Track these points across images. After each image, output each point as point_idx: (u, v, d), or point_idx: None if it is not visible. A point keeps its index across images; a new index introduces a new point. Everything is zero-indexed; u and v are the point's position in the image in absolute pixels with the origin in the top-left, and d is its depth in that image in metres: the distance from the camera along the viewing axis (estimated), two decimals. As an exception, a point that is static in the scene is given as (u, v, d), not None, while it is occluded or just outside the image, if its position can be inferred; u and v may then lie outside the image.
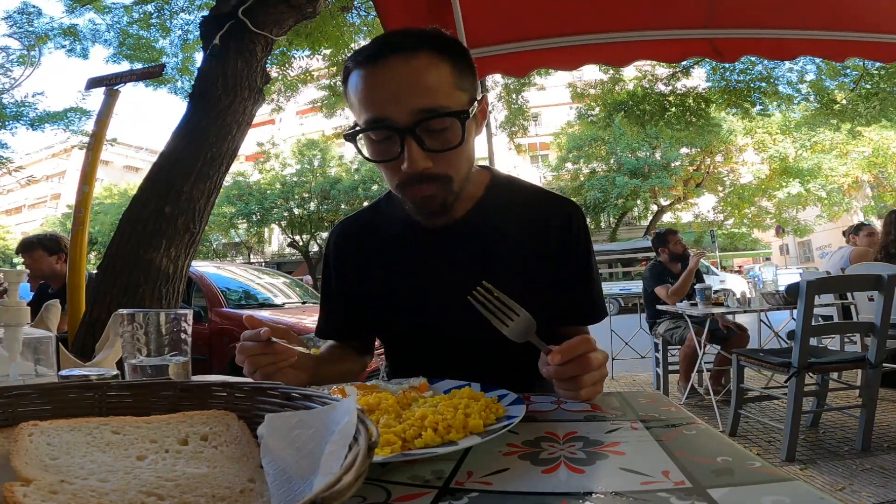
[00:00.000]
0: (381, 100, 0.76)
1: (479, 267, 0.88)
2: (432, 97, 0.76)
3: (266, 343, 0.76)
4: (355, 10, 5.95)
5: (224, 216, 19.37)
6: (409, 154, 0.75)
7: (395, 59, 0.76)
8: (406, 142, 0.75)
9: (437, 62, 0.77)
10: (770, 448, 2.57)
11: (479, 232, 0.91)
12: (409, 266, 0.93)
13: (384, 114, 0.76)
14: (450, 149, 0.78)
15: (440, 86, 0.77)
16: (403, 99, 0.75)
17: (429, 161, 0.77)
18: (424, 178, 0.78)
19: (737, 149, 17.78)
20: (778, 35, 2.46)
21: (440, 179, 0.80)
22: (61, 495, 0.31)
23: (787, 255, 26.15)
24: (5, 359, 0.63)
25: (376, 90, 0.77)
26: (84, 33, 6.63)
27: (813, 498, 0.36)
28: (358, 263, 0.98)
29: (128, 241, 2.67)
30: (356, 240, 0.99)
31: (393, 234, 0.95)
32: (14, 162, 8.77)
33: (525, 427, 0.57)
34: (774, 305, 3.40)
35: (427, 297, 0.91)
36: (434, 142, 0.77)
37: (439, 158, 0.78)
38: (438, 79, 0.77)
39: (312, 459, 0.33)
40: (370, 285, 0.95)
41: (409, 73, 0.75)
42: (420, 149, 0.76)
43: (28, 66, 6.67)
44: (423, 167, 0.77)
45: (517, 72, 2.80)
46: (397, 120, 0.75)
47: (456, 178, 0.82)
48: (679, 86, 7.61)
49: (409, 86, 0.75)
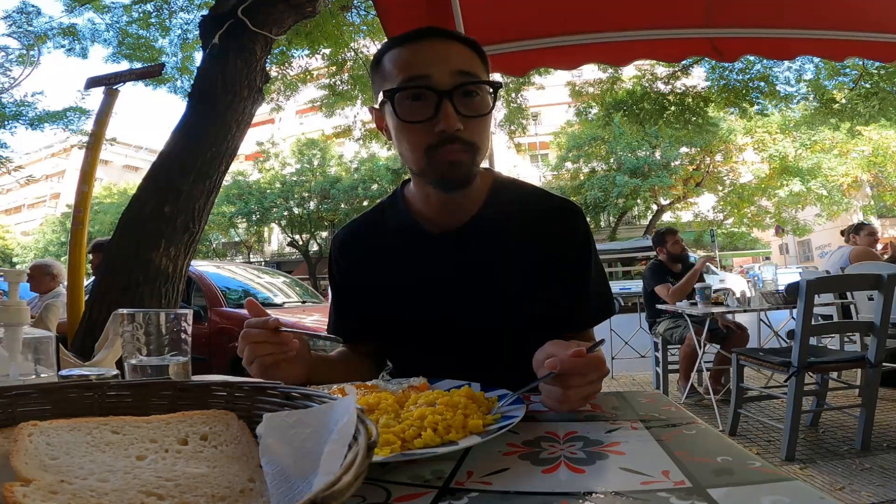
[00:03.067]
0: (424, 60, 0.82)
1: (484, 271, 0.89)
2: (470, 67, 0.83)
3: (272, 332, 0.76)
4: (355, 10, 5.95)
5: (224, 215, 19.36)
6: (447, 113, 0.79)
7: (436, 38, 0.85)
8: (443, 102, 0.79)
9: (469, 51, 0.86)
10: (770, 447, 2.57)
11: (485, 236, 0.91)
12: (413, 271, 0.92)
13: (427, 72, 0.81)
14: (481, 115, 0.83)
15: (474, 63, 0.86)
16: (446, 62, 0.81)
17: (460, 124, 0.80)
18: (456, 139, 0.81)
19: (736, 148, 17.77)
20: (778, 35, 2.46)
21: (469, 146, 0.83)
22: (61, 495, 0.31)
23: (787, 254, 26.17)
24: (5, 359, 0.63)
25: (420, 54, 0.83)
26: (83, 33, 6.63)
27: (813, 498, 0.36)
28: (363, 267, 0.97)
29: (127, 240, 2.67)
30: (361, 243, 0.99)
31: (397, 237, 0.95)
32: (13, 161, 8.78)
33: (525, 427, 0.57)
34: (774, 305, 3.40)
35: (432, 301, 0.91)
36: (466, 108, 0.81)
37: (470, 124, 0.82)
38: (472, 58, 0.86)
39: (311, 459, 0.33)
40: (376, 289, 0.95)
41: (449, 47, 0.84)
42: (455, 111, 0.80)
43: (27, 66, 6.67)
44: (456, 127, 0.80)
45: (517, 71, 2.80)
46: (438, 80, 0.80)
47: (481, 148, 0.85)
48: (678, 85, 7.61)
49: (451, 54, 0.83)
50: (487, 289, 0.89)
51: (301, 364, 0.82)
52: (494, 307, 0.89)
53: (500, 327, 0.89)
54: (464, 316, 0.89)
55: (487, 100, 0.84)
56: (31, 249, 24.77)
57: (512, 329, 0.88)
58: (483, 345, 0.88)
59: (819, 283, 2.47)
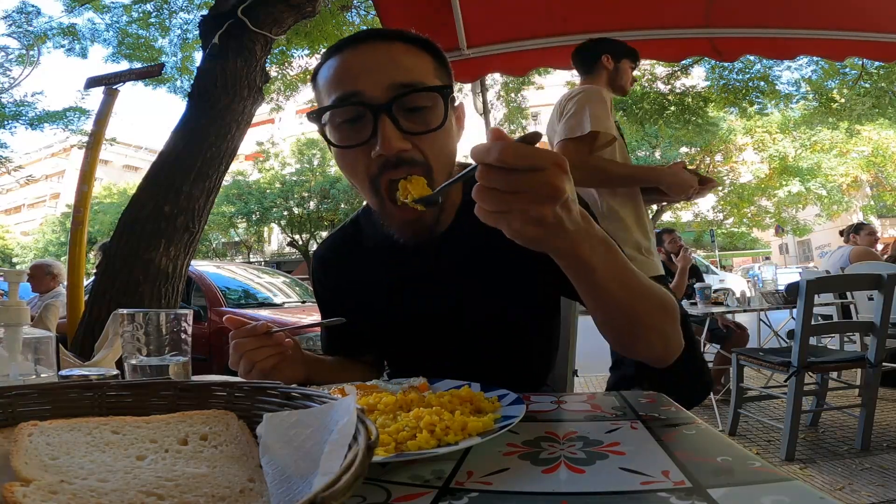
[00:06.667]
0: (354, 74, 0.69)
1: (464, 281, 0.84)
2: (411, 74, 0.69)
3: (264, 336, 0.74)
4: (355, 10, 5.95)
5: (223, 215, 19.36)
6: (384, 132, 0.66)
7: (373, 43, 0.71)
8: (381, 120, 0.66)
9: (416, 51, 0.73)
10: (769, 447, 2.57)
11: (464, 243, 0.82)
12: (398, 282, 0.88)
13: (356, 87, 0.68)
14: (429, 131, 0.69)
15: (419, 66, 0.71)
16: (379, 73, 0.68)
17: (406, 143, 0.67)
18: (399, 162, 0.67)
19: (736, 148, 17.77)
20: (778, 34, 2.46)
21: (418, 166, 0.69)
22: (61, 495, 0.31)
23: (787, 254, 26.16)
24: (5, 359, 0.63)
25: (350, 66, 0.70)
26: (83, 33, 6.65)
27: (813, 498, 0.36)
28: (347, 284, 0.93)
29: (127, 240, 2.67)
30: (342, 260, 0.95)
31: (378, 252, 0.89)
32: (13, 161, 8.79)
33: (525, 427, 0.56)
34: (774, 305, 3.40)
35: (422, 307, 0.87)
36: (411, 123, 0.68)
37: (417, 141, 0.68)
38: (418, 61, 0.72)
39: (311, 459, 0.33)
40: (364, 304, 0.91)
41: (387, 52, 0.70)
42: (395, 128, 0.67)
43: (27, 66, 6.67)
44: (398, 148, 0.66)
45: (517, 71, 2.80)
46: (371, 95, 0.67)
47: (436, 167, 0.70)
48: (678, 85, 7.62)
49: (387, 62, 0.69)
50: (476, 289, 0.85)
51: (299, 364, 0.81)
52: (485, 306, 0.85)
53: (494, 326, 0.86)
54: (446, 326, 0.86)
55: (440, 110, 0.70)
56: (31, 249, 24.77)
57: (507, 327, 0.87)
58: (479, 345, 0.87)
59: (819, 282, 2.46)
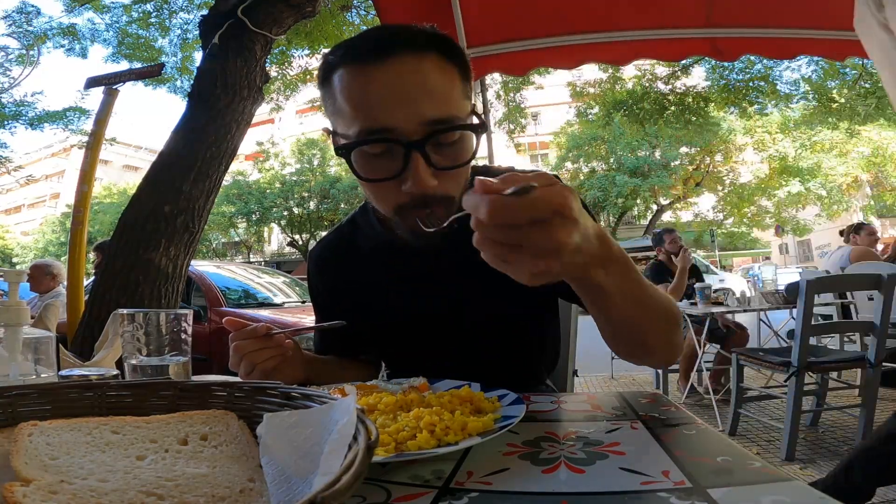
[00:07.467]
0: (386, 106, 0.64)
1: (464, 281, 0.83)
2: (445, 106, 0.65)
3: (264, 338, 0.74)
4: (355, 9, 5.95)
5: (223, 215, 19.37)
6: (416, 172, 0.64)
7: (402, 59, 0.64)
8: (413, 157, 0.64)
9: (447, 67, 0.67)
10: (770, 447, 2.57)
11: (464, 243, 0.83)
12: (391, 285, 0.88)
13: (388, 123, 0.64)
14: (459, 166, 0.67)
15: (452, 93, 0.67)
16: (412, 105, 0.64)
17: (435, 180, 0.66)
18: (428, 200, 0.67)
19: (736, 148, 17.78)
20: (778, 34, 2.46)
21: (443, 202, 0.68)
22: (61, 495, 0.31)
23: (787, 254, 26.15)
24: (5, 359, 0.63)
25: (380, 94, 0.64)
26: (83, 32, 6.65)
27: (813, 498, 0.36)
28: (340, 284, 0.93)
29: (127, 240, 2.67)
30: (337, 259, 0.94)
31: (375, 253, 0.88)
32: (13, 161, 8.79)
33: (525, 427, 0.56)
34: (774, 305, 3.40)
35: (419, 308, 0.87)
36: (441, 158, 0.66)
37: (444, 177, 0.67)
38: (451, 85, 0.67)
39: (311, 459, 0.33)
40: (361, 306, 0.91)
41: (418, 72, 0.65)
42: (427, 165, 0.65)
43: (27, 66, 6.67)
44: (430, 187, 0.65)
45: (517, 71, 2.80)
46: (404, 130, 0.64)
47: (456, 198, 0.70)
48: (678, 85, 7.62)
49: (421, 91, 0.64)
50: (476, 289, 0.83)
51: (299, 365, 0.81)
52: (485, 306, 0.85)
53: (494, 326, 0.86)
54: (454, 318, 0.86)
55: (469, 143, 0.68)
56: (31, 249, 24.79)
57: (507, 327, 0.86)
58: (479, 345, 0.87)
59: (819, 283, 2.46)
